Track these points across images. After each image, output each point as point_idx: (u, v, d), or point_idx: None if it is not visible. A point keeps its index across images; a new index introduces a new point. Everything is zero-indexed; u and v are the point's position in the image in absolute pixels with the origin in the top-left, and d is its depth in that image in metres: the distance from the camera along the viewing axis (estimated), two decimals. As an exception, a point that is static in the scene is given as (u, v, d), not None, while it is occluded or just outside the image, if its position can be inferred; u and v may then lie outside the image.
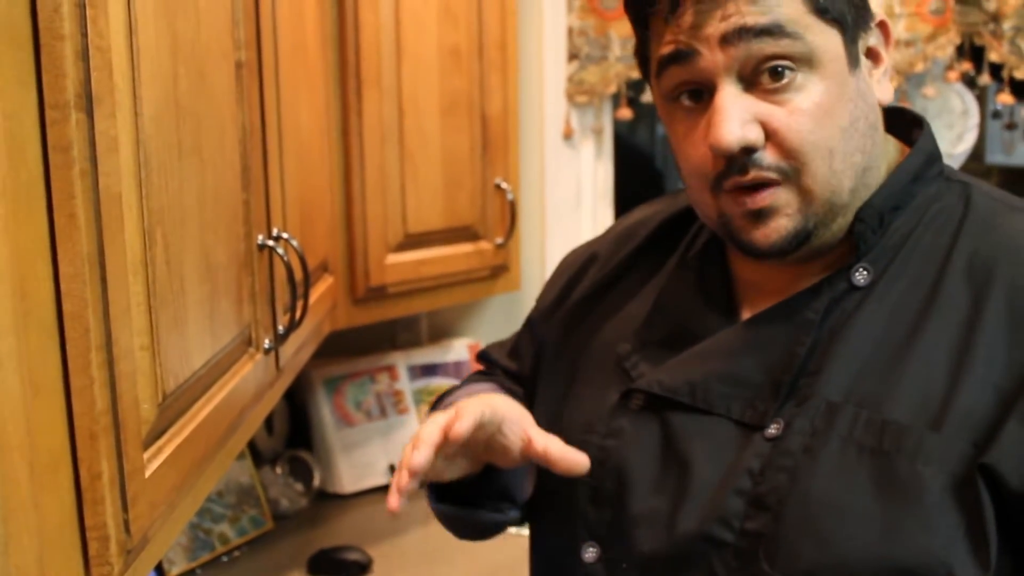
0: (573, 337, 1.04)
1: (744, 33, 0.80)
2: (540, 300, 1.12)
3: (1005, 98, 2.09)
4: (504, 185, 2.02)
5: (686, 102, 0.85)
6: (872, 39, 0.87)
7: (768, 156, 0.82)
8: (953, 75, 2.10)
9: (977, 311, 0.81)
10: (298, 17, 1.39)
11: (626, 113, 2.24)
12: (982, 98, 2.35)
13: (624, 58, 2.19)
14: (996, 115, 2.43)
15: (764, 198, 0.83)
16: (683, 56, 0.83)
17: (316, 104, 1.54)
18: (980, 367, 0.79)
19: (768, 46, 0.80)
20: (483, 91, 1.97)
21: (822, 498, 0.79)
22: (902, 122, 0.95)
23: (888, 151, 0.91)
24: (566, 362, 1.03)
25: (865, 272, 0.86)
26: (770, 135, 0.82)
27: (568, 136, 2.27)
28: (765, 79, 0.81)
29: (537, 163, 2.27)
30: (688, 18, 0.82)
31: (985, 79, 2.10)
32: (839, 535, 0.78)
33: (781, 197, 0.83)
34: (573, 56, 2.22)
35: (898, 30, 2.05)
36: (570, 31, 2.21)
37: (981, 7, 2.03)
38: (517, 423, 0.88)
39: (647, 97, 2.23)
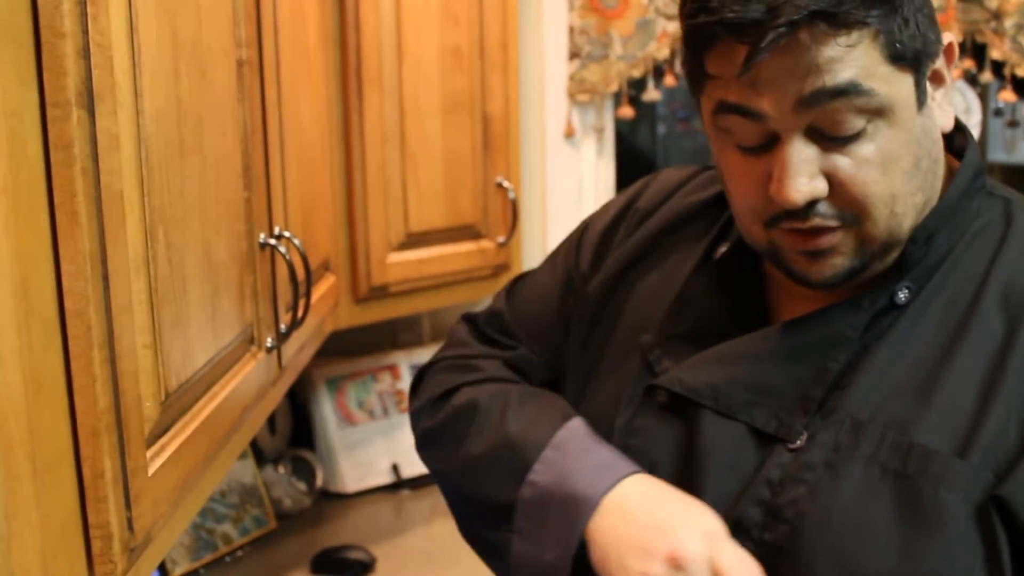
0: (601, 318, 1.01)
1: (820, 96, 0.76)
2: (578, 259, 1.06)
3: (1007, 96, 2.09)
4: (506, 184, 2.02)
5: (744, 145, 0.82)
6: (938, 62, 0.84)
7: (830, 207, 0.80)
8: (955, 73, 2.10)
9: (1009, 340, 0.80)
10: (299, 16, 1.39)
11: (627, 112, 2.23)
12: (984, 96, 2.35)
13: (625, 56, 2.19)
14: (998, 113, 2.43)
15: (823, 241, 0.81)
16: (750, 114, 0.79)
17: (317, 103, 1.54)
18: (1008, 397, 0.78)
19: (842, 105, 0.76)
20: (484, 90, 1.97)
21: (842, 516, 0.78)
22: None
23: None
24: (593, 344, 1.00)
25: (907, 291, 0.84)
26: (835, 186, 0.79)
27: (569, 135, 2.27)
28: (835, 132, 0.78)
29: (538, 162, 2.27)
30: (762, 76, 0.77)
31: (987, 77, 2.10)
32: (857, 555, 0.77)
33: (838, 239, 0.81)
34: (574, 55, 2.22)
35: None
36: (571, 30, 2.21)
37: (983, 5, 2.03)
38: None
39: (648, 96, 2.23)
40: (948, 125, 0.85)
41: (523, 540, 0.92)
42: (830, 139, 0.78)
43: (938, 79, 0.85)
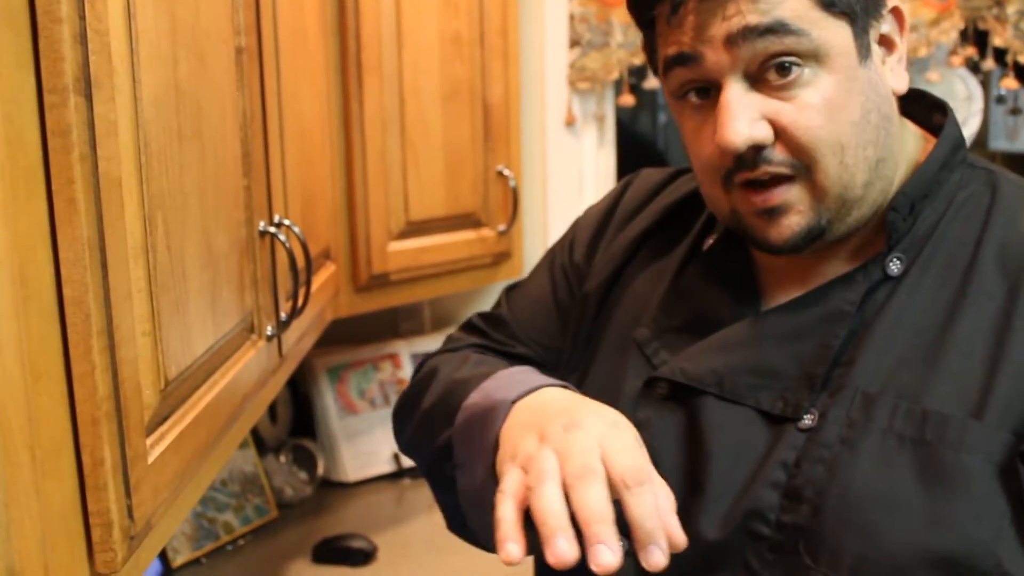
0: (597, 317, 1.02)
1: (748, 33, 0.78)
2: (571, 255, 1.08)
3: (1009, 83, 2.08)
4: (506, 172, 2.01)
5: (694, 99, 0.84)
6: (885, 26, 0.85)
7: (778, 154, 0.81)
8: (957, 60, 2.09)
9: (1012, 300, 0.81)
10: (298, 3, 1.38)
11: (628, 100, 2.23)
12: (986, 83, 2.34)
13: (626, 44, 2.18)
14: (1000, 100, 2.42)
15: (775, 196, 0.82)
16: (687, 58, 0.82)
17: (317, 91, 1.53)
18: (1019, 356, 0.78)
19: (773, 45, 0.79)
20: (484, 78, 1.96)
21: (864, 490, 0.78)
22: (921, 106, 0.93)
23: (906, 139, 0.89)
24: (589, 343, 1.01)
25: (899, 262, 0.85)
26: (779, 132, 0.81)
27: (570, 123, 2.26)
28: (772, 75, 0.80)
29: (539, 150, 2.26)
30: (690, 20, 0.81)
31: (989, 64, 2.09)
32: (884, 527, 0.77)
33: (792, 194, 0.82)
34: (575, 43, 2.21)
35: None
36: (571, 17, 2.20)
37: (985, -9, 2.02)
38: None
39: (649, 83, 2.22)
40: (901, 88, 0.87)
41: (462, 472, 0.89)
42: (767, 83, 0.80)
43: (889, 44, 0.86)
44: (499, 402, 0.85)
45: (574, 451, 0.71)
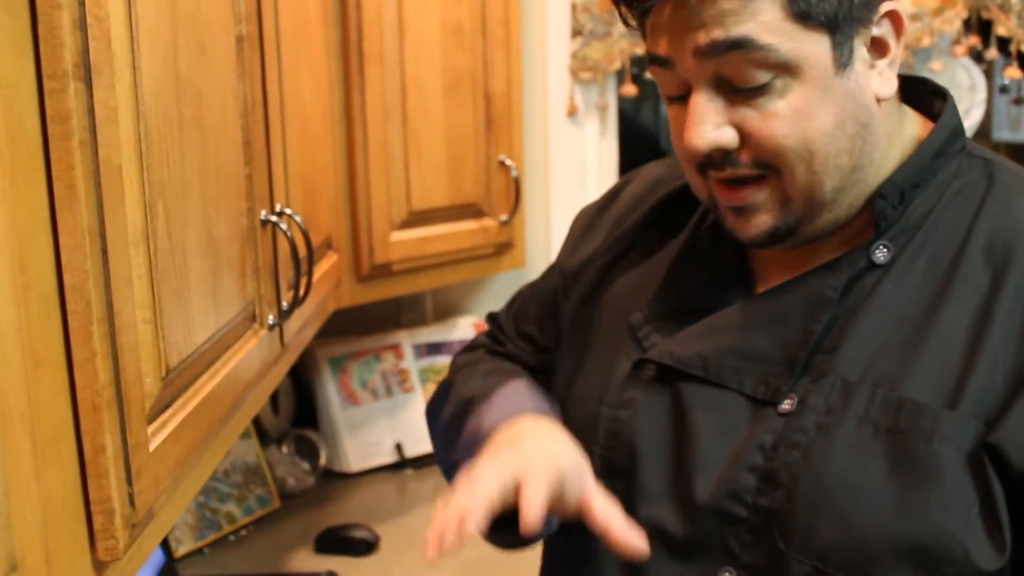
0: (589, 304, 1.03)
1: (715, 48, 0.79)
2: (563, 260, 1.12)
3: (1013, 72, 2.07)
4: (508, 162, 2.01)
5: (672, 92, 0.86)
6: (879, 30, 0.84)
7: (744, 158, 0.82)
8: (960, 49, 2.09)
9: (995, 291, 0.81)
10: (299, -8, 1.38)
11: (630, 90, 2.22)
12: (989, 73, 2.33)
13: (628, 34, 2.17)
14: (1004, 90, 2.41)
15: (745, 196, 0.84)
16: (660, 62, 0.84)
17: (318, 80, 1.53)
18: (995, 347, 0.79)
19: (739, 59, 0.79)
20: (486, 68, 1.96)
21: (837, 477, 0.79)
22: (922, 93, 0.93)
23: (905, 126, 0.89)
24: (581, 329, 1.03)
25: (885, 250, 0.85)
26: (745, 138, 0.82)
27: (572, 113, 2.26)
28: (741, 84, 0.80)
29: (541, 140, 2.26)
30: (663, 28, 0.82)
31: (993, 53, 2.08)
32: (855, 514, 0.78)
33: (759, 196, 0.84)
34: (577, 32, 2.21)
35: (904, 4, 2.03)
36: (573, 7, 2.19)
37: (989, -20, 2.01)
38: (578, 483, 0.83)
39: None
40: (885, 93, 0.85)
41: None
42: (736, 90, 0.81)
43: (881, 48, 0.85)
44: (484, 433, 0.93)
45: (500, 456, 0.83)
